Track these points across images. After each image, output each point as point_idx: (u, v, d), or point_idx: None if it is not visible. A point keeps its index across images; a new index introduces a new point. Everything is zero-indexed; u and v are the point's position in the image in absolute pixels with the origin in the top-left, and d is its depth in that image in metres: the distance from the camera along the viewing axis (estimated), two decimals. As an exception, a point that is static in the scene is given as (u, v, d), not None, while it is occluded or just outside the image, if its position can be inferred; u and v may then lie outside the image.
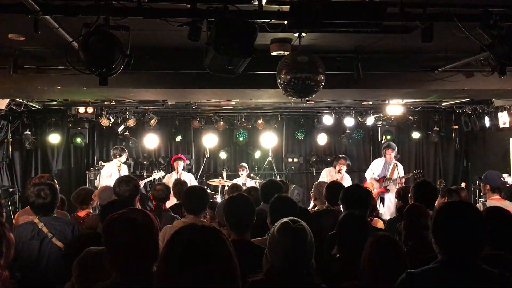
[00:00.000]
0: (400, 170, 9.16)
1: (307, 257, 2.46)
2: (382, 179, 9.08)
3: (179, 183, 6.27)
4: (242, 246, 3.14)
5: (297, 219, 2.56)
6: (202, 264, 1.60)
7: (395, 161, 9.25)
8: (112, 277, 2.22)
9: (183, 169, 9.46)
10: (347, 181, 9.06)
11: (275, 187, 4.94)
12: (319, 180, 9.34)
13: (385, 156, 9.32)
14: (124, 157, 9.16)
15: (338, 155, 10.13)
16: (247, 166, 10.02)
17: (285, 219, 2.53)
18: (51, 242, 3.84)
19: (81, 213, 5.29)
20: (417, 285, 2.24)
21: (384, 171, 9.22)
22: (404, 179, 8.97)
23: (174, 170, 9.44)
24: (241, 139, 11.51)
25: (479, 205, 5.36)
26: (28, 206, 4.80)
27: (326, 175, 9.44)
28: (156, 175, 9.73)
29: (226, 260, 1.65)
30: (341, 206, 4.26)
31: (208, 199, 4.50)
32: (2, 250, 2.42)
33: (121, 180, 4.71)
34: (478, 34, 3.88)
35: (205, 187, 9.87)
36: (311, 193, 6.26)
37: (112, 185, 6.55)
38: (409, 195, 4.96)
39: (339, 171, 9.22)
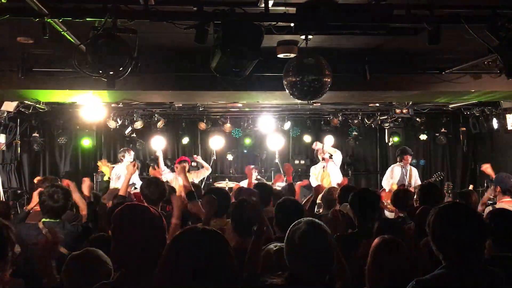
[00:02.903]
0: (416, 175, 9.01)
1: (330, 262, 2.35)
2: (402, 187, 8.78)
3: (193, 186, 6.25)
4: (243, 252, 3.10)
5: (317, 221, 2.45)
6: (202, 267, 1.61)
7: (410, 166, 9.07)
8: (117, 275, 2.20)
9: (188, 171, 9.45)
10: (331, 163, 8.94)
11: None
12: (310, 179, 9.23)
13: (402, 161, 8.99)
14: (128, 157, 9.10)
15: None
16: (257, 168, 10.02)
17: (304, 224, 2.39)
18: None
19: None
20: None
21: (403, 178, 9.02)
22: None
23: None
24: (247, 141, 11.52)
25: (488, 208, 5.32)
26: (34, 208, 4.82)
27: (314, 170, 9.27)
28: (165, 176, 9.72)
29: (227, 264, 1.66)
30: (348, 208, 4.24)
31: (229, 202, 4.42)
32: (7, 253, 2.43)
33: (150, 182, 4.59)
34: (486, 36, 3.86)
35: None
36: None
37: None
38: (415, 197, 4.94)
39: (322, 159, 8.94)
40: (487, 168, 6.93)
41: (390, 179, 9.07)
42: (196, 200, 4.43)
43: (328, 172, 8.79)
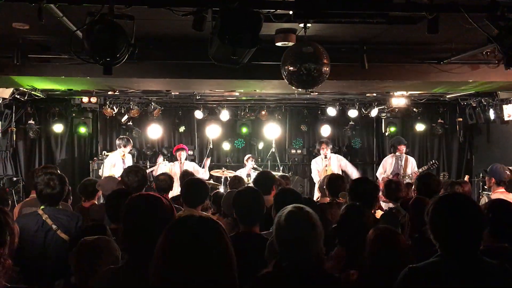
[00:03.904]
0: (413, 164, 9.01)
1: (317, 245, 2.40)
2: (396, 176, 8.68)
3: (186, 174, 6.26)
4: (251, 238, 3.13)
5: (302, 205, 2.50)
6: (198, 255, 1.59)
7: (406, 155, 9.08)
8: (124, 260, 2.20)
9: (185, 159, 9.44)
10: (335, 163, 8.96)
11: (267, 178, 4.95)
12: (312, 173, 9.33)
13: (395, 152, 9.05)
14: (129, 148, 9.13)
15: (319, 140, 9.87)
16: (254, 158, 10.00)
17: (290, 207, 2.47)
18: (56, 234, 3.79)
19: (87, 204, 5.26)
20: (420, 279, 2.23)
21: (397, 167, 9.04)
22: (418, 173, 8.73)
23: (177, 160, 9.41)
24: (244, 130, 11.51)
25: (484, 199, 5.34)
26: (30, 197, 4.80)
27: (316, 165, 9.32)
28: (160, 160, 9.68)
29: (223, 251, 1.65)
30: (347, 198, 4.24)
31: (207, 193, 4.46)
32: (5, 239, 2.42)
33: (129, 170, 4.68)
34: (485, 25, 3.85)
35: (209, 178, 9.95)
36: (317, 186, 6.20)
37: (115, 175, 6.60)
38: (412, 187, 4.95)
39: (325, 156, 9.02)
40: None
41: (383, 171, 9.10)
42: None
43: (331, 169, 8.82)
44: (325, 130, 11.50)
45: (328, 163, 8.89)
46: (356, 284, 2.73)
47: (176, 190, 6.66)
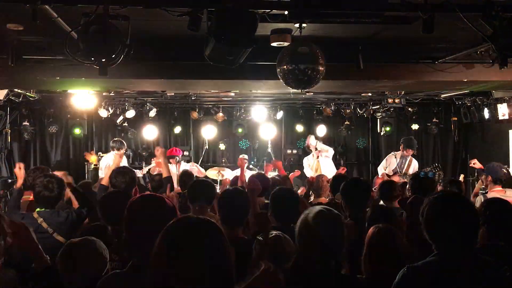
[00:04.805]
0: (415, 167, 9.01)
1: (339, 246, 2.43)
2: (396, 176, 8.69)
3: (186, 174, 6.23)
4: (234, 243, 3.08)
5: (331, 208, 2.52)
6: (196, 255, 1.58)
7: (411, 157, 9.07)
8: (129, 264, 2.17)
9: (178, 162, 9.33)
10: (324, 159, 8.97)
11: None
12: (304, 169, 9.33)
13: (403, 150, 8.95)
14: (122, 151, 9.10)
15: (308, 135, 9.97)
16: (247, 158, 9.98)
17: (319, 207, 2.48)
18: (52, 237, 3.78)
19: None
20: (418, 279, 2.24)
21: (400, 166, 8.99)
22: None
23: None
24: (240, 130, 11.51)
25: (480, 197, 5.36)
26: (24, 199, 4.77)
27: (308, 161, 9.31)
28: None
29: (221, 252, 1.63)
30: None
31: (214, 193, 4.42)
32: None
33: (117, 172, 4.68)
34: (480, 25, 3.86)
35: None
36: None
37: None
38: (407, 186, 4.96)
39: (316, 148, 9.04)
40: (475, 163, 6.84)
41: (385, 167, 9.10)
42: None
43: (319, 162, 8.83)
44: (321, 130, 11.52)
45: (318, 155, 8.91)
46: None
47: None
